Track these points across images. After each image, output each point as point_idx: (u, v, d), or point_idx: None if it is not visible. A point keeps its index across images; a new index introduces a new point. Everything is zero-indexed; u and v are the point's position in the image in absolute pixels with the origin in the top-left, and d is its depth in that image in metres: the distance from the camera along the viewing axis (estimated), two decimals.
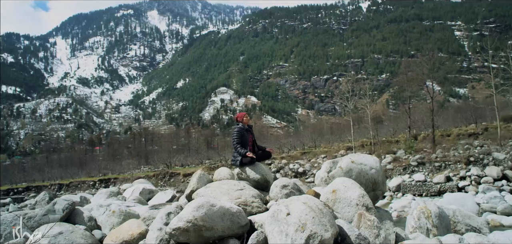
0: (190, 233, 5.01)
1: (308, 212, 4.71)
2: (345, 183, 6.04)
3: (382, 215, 7.02)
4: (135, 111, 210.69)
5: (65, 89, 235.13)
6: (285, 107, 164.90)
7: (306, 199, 5.02)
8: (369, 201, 5.67)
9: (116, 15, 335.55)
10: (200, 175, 7.91)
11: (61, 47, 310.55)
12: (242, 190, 6.52)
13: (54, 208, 7.01)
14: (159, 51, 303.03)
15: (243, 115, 8.10)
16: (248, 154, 7.35)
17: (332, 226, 4.67)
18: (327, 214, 4.80)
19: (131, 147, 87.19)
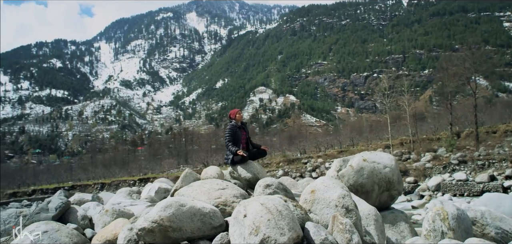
0: (155, 234, 4.82)
1: (263, 214, 4.42)
2: (326, 183, 5.61)
3: (396, 216, 6.88)
4: (175, 111, 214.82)
5: (109, 92, 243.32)
6: (324, 106, 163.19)
7: (266, 200, 4.69)
8: (351, 202, 5.15)
9: (156, 19, 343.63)
10: (186, 174, 7.76)
11: (105, 51, 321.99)
12: (224, 189, 6.32)
13: (47, 206, 7.03)
14: (198, 52, 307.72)
15: (236, 112, 7.95)
16: (238, 152, 7.18)
17: (291, 230, 4.33)
18: (286, 216, 4.43)
19: (172, 147, 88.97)
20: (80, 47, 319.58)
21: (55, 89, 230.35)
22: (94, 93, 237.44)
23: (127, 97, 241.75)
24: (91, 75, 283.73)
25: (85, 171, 66.50)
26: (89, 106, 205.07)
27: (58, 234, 5.59)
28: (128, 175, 53.16)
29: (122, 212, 6.73)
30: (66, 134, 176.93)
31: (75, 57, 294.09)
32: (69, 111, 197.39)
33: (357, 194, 6.82)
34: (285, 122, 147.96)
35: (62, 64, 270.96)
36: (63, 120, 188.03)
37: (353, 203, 5.14)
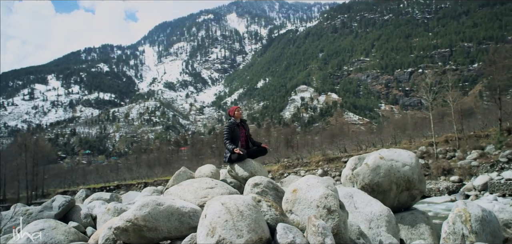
0: (130, 233, 4.75)
1: (222, 215, 4.20)
2: (310, 182, 5.19)
3: (416, 217, 6.52)
4: (218, 112, 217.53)
5: (153, 94, 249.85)
6: (367, 103, 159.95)
7: (228, 199, 4.44)
8: (334, 203, 4.72)
9: (198, 21, 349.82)
10: (180, 172, 7.74)
11: (149, 55, 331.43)
12: (212, 188, 6.20)
13: (51, 205, 7.15)
14: (239, 52, 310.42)
15: (235, 109, 7.81)
16: (235, 150, 7.04)
17: (251, 232, 4.08)
18: (248, 217, 4.17)
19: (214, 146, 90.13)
20: (126, 51, 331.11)
21: (103, 93, 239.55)
22: (139, 96, 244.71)
23: (170, 98, 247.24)
24: (136, 78, 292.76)
25: (130, 171, 68.57)
26: (135, 108, 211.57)
27: (54, 232, 5.68)
28: (170, 174, 54.48)
29: (123, 210, 6.58)
30: (114, 136, 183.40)
31: (121, 61, 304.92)
32: (116, 113, 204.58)
33: (373, 194, 6.63)
34: (327, 121, 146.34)
35: (109, 68, 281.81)
36: (111, 122, 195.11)
37: (337, 204, 4.77)
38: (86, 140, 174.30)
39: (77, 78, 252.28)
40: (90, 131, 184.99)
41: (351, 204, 6.19)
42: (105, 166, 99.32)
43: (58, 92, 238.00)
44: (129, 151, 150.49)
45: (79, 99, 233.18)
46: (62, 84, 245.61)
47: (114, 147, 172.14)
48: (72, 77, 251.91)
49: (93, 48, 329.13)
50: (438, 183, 23.73)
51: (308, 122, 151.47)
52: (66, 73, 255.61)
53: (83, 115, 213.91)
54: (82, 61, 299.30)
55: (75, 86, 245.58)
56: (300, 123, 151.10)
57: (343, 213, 4.75)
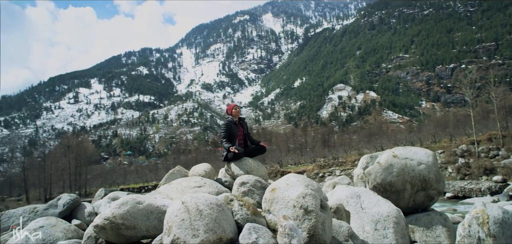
0: (107, 231, 4.72)
1: (179, 214, 4.13)
2: (289, 180, 4.96)
3: (432, 219, 6.20)
4: (255, 112, 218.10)
5: (191, 95, 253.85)
6: (407, 101, 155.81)
7: (190, 198, 4.35)
8: (312, 203, 4.45)
9: (234, 22, 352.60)
10: (174, 171, 7.77)
11: (186, 57, 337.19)
12: (200, 187, 6.17)
13: (57, 203, 7.19)
14: (275, 52, 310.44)
15: (232, 107, 7.70)
16: (231, 149, 6.97)
17: (209, 231, 4.00)
18: (207, 216, 4.09)
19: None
20: (164, 54, 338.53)
21: (143, 95, 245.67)
22: (177, 97, 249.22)
23: (208, 99, 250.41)
24: (175, 80, 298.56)
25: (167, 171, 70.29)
26: (173, 110, 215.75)
27: (53, 230, 5.74)
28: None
29: None
30: (153, 137, 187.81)
31: (159, 64, 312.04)
32: (155, 115, 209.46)
33: (386, 194, 6.39)
34: (365, 119, 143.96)
35: (148, 71, 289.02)
36: (150, 124, 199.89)
37: (316, 204, 4.50)
38: (127, 141, 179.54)
39: (118, 81, 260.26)
40: (131, 132, 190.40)
41: (357, 205, 6.04)
42: (144, 166, 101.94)
43: (100, 95, 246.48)
44: (168, 152, 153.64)
45: (120, 101, 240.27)
46: (104, 87, 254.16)
47: (154, 148, 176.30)
48: (114, 81, 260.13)
49: (133, 52, 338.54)
50: (480, 183, 22.81)
51: (346, 121, 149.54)
52: (108, 76, 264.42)
53: (124, 117, 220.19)
54: (123, 65, 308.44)
55: (116, 89, 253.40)
56: (338, 122, 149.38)
57: (322, 214, 4.52)
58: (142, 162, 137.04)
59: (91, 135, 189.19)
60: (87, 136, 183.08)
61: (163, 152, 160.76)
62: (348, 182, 8.92)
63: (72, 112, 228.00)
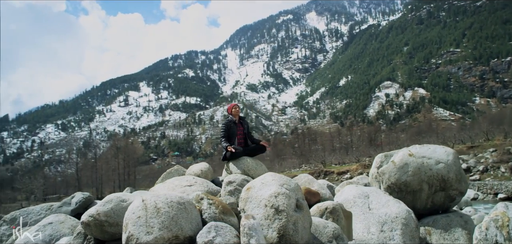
0: (92, 228, 4.88)
1: (137, 211, 4.23)
2: (265, 180, 4.87)
3: (451, 221, 5.94)
4: (300, 112, 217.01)
5: (236, 96, 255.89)
6: (459, 97, 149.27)
7: (151, 196, 4.44)
8: (284, 202, 4.37)
9: (277, 22, 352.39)
10: (171, 170, 7.87)
11: (231, 58, 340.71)
12: (191, 186, 6.20)
13: (70, 201, 7.45)
14: (319, 51, 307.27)
15: (232, 106, 7.77)
16: (228, 148, 7.00)
17: (164, 229, 4.05)
18: (164, 214, 4.14)
19: (297, 146, 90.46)
20: (209, 56, 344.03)
21: (189, 97, 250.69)
22: (223, 98, 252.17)
23: (253, 100, 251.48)
24: (220, 81, 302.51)
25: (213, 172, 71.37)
26: (219, 111, 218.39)
27: (60, 226, 6.00)
28: None
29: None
30: (200, 137, 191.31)
31: (205, 66, 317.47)
32: (201, 116, 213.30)
33: (401, 194, 6.21)
34: (414, 117, 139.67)
35: (194, 73, 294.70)
36: (197, 125, 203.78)
37: (288, 204, 4.41)
38: (175, 142, 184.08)
39: (166, 84, 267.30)
40: (178, 133, 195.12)
41: (364, 205, 5.90)
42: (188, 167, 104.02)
43: (149, 98, 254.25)
44: (214, 152, 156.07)
45: (167, 103, 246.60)
46: (152, 90, 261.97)
47: (200, 149, 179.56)
48: (161, 83, 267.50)
49: (179, 55, 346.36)
50: None
51: (394, 120, 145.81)
52: (156, 80, 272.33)
53: (172, 119, 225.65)
54: (170, 68, 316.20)
55: (164, 91, 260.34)
56: (385, 121, 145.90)
57: (296, 214, 4.42)
58: (189, 162, 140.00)
59: (140, 136, 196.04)
60: (136, 138, 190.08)
61: (209, 153, 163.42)
62: (366, 183, 8.73)
63: (122, 114, 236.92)
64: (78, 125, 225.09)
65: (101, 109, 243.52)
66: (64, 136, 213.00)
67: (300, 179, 7.59)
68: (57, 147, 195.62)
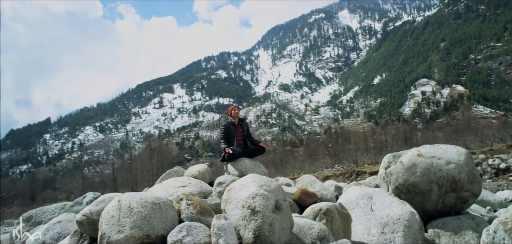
0: (85, 226, 5.13)
1: (111, 211, 4.44)
2: (245, 181, 4.95)
3: (462, 223, 5.71)
4: (333, 111, 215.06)
5: (269, 96, 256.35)
6: (501, 94, 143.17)
7: (126, 196, 4.61)
8: (260, 203, 4.44)
9: (309, 21, 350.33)
10: (171, 171, 8.09)
11: (263, 58, 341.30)
12: (184, 187, 6.32)
13: (82, 201, 7.65)
14: (352, 49, 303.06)
15: (232, 108, 7.99)
16: (226, 149, 7.21)
17: (135, 228, 4.25)
18: (136, 214, 4.33)
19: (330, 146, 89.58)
20: (242, 57, 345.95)
21: (222, 98, 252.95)
22: (255, 99, 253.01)
23: (285, 100, 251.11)
24: (252, 82, 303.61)
25: None
26: (252, 111, 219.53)
27: (69, 224, 6.23)
28: (283, 175, 55.40)
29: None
30: None
31: (237, 67, 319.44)
32: None
33: (410, 195, 6.08)
34: (452, 115, 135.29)
35: (227, 74, 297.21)
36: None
37: (265, 204, 4.49)
38: (208, 143, 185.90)
39: (199, 85, 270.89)
40: (212, 134, 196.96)
41: (367, 206, 5.86)
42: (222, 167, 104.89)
43: (183, 99, 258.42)
44: None
45: (201, 105, 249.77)
46: (186, 92, 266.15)
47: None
48: (195, 85, 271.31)
49: (212, 57, 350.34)
50: None
51: (430, 118, 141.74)
52: (189, 81, 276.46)
53: (205, 120, 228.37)
54: (203, 69, 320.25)
55: (197, 93, 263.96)
56: (422, 119, 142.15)
57: (273, 215, 4.50)
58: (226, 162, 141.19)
59: (175, 137, 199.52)
60: (171, 139, 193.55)
61: None
62: (376, 184, 8.58)
63: (157, 116, 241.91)
64: (115, 127, 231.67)
65: (136, 111, 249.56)
66: (102, 138, 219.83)
67: (303, 180, 7.70)
68: (96, 148, 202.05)
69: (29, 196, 76.45)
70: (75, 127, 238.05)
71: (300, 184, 7.55)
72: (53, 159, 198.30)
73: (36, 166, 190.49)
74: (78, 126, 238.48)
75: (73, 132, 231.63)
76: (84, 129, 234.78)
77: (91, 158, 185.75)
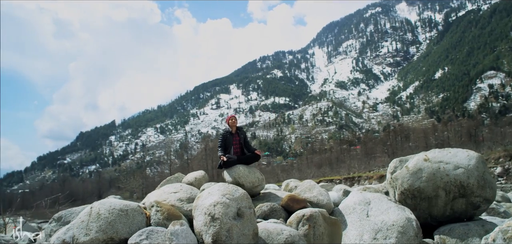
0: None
1: (82, 216, 5.11)
2: (212, 190, 5.35)
3: (469, 230, 5.50)
4: (392, 108, 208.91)
5: (325, 94, 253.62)
6: None
7: (100, 203, 5.18)
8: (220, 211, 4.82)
9: (365, 16, 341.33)
10: (171, 178, 8.39)
11: (318, 56, 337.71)
12: (175, 193, 6.60)
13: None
14: (412, 43, 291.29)
15: (229, 118, 8.38)
16: (221, 157, 7.58)
17: (100, 231, 4.80)
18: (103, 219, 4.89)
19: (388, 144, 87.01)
20: (297, 56, 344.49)
21: (278, 97, 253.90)
22: (311, 97, 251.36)
23: (342, 97, 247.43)
24: (308, 80, 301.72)
25: (299, 171, 71.03)
26: (308, 110, 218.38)
27: None
28: (338, 174, 54.39)
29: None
30: (289, 137, 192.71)
31: (293, 66, 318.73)
32: (290, 116, 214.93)
33: (415, 201, 6.00)
34: None
35: (282, 74, 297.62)
36: (286, 124, 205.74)
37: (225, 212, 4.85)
38: (265, 142, 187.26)
39: (255, 85, 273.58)
40: (268, 133, 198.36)
41: (363, 212, 5.92)
42: (277, 166, 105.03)
43: (239, 99, 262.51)
44: (304, 152, 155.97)
45: (257, 104, 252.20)
46: (242, 92, 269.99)
47: (290, 148, 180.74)
48: (250, 85, 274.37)
49: (267, 56, 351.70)
50: None
51: (499, 112, 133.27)
52: (245, 81, 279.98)
53: (262, 119, 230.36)
54: (258, 69, 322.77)
55: (253, 93, 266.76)
56: (489, 114, 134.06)
57: (231, 222, 4.84)
58: (279, 162, 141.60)
59: None
60: None
61: (299, 152, 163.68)
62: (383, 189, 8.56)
63: (214, 116, 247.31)
64: (175, 128, 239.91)
65: (195, 112, 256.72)
66: (163, 139, 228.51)
67: (303, 185, 7.90)
68: (157, 149, 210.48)
69: (96, 194, 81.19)
70: (137, 128, 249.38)
71: (300, 189, 7.72)
72: (118, 160, 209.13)
73: (103, 166, 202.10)
74: (140, 128, 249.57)
75: (135, 133, 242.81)
76: (145, 130, 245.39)
77: (152, 158, 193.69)
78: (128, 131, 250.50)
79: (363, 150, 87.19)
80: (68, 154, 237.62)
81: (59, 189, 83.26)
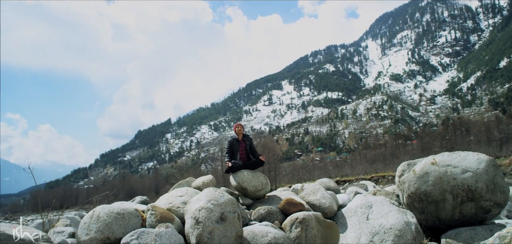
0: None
1: (86, 218, 5.82)
2: (200, 195, 5.92)
3: (476, 234, 5.30)
4: (452, 100, 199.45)
5: (379, 88, 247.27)
6: None
7: (103, 208, 5.82)
8: (204, 215, 5.37)
9: (421, 5, 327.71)
10: (182, 182, 8.82)
11: (372, 49, 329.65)
12: (181, 196, 6.91)
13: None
14: (472, 31, 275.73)
15: (236, 126, 8.76)
16: (227, 163, 8.25)
17: (98, 232, 5.49)
18: (101, 221, 5.57)
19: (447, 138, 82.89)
20: (349, 49, 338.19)
21: (331, 92, 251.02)
22: (365, 91, 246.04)
23: (397, 91, 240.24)
24: (361, 74, 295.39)
25: (351, 167, 69.45)
26: (362, 104, 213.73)
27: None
28: (392, 170, 52.28)
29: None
30: (343, 132, 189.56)
31: (345, 59, 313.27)
32: (344, 110, 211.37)
33: (422, 204, 5.88)
34: None
35: (334, 68, 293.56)
36: (339, 120, 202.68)
37: (208, 216, 5.35)
38: (318, 138, 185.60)
39: (307, 80, 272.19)
40: (321, 129, 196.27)
41: (363, 215, 6.12)
42: (329, 162, 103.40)
43: (291, 95, 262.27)
44: (358, 147, 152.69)
45: (309, 100, 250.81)
46: (294, 88, 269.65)
47: (344, 144, 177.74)
48: (302, 80, 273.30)
49: (319, 51, 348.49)
50: None
51: None
52: (297, 77, 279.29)
53: (314, 115, 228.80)
54: (310, 65, 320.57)
55: (305, 88, 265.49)
56: None
57: (213, 225, 5.32)
58: (332, 158, 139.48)
59: (284, 133, 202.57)
60: (281, 135, 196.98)
61: (353, 147, 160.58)
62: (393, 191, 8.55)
63: (267, 113, 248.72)
64: (228, 125, 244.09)
65: (247, 109, 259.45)
66: (216, 136, 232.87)
67: (308, 187, 8.30)
68: (211, 146, 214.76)
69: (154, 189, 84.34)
70: (192, 126, 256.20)
71: (305, 192, 8.08)
72: (174, 157, 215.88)
73: (160, 163, 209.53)
74: (195, 126, 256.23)
75: (190, 131, 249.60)
76: (200, 128, 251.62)
77: (207, 155, 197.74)
78: (183, 129, 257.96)
79: (419, 145, 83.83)
80: (127, 151, 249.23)
81: (119, 184, 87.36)
